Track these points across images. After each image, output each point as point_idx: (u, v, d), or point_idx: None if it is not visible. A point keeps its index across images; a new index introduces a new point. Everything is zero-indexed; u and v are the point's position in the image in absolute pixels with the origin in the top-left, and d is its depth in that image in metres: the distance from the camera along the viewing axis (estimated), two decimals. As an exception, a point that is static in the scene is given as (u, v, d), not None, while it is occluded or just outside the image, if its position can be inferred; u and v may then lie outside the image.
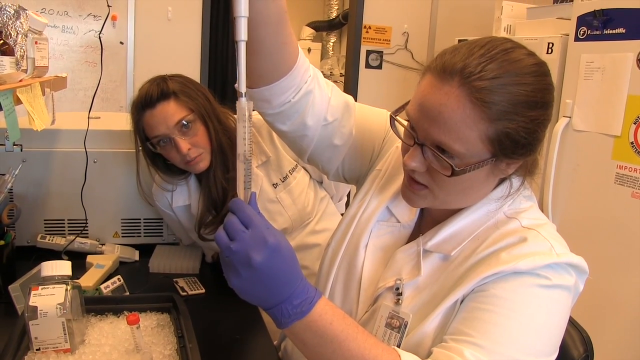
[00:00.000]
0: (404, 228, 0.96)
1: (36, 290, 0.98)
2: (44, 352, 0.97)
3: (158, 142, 1.40)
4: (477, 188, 0.86)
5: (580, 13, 2.21)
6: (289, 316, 0.73)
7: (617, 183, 2.05)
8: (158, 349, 1.02)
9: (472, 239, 0.86)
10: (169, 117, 1.36)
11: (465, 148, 0.77)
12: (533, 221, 0.86)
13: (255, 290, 0.72)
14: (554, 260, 0.79)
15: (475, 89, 0.75)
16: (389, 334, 0.86)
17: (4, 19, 1.14)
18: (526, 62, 0.79)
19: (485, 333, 0.76)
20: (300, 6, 6.81)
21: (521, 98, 0.76)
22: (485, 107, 0.75)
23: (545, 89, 0.80)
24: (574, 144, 2.25)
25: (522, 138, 0.78)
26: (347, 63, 4.09)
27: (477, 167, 0.79)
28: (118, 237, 1.75)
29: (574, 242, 0.84)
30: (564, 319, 0.81)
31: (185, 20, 3.54)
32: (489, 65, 0.76)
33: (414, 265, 0.89)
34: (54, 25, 3.29)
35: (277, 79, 0.90)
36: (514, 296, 0.78)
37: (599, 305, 2.11)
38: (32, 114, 1.15)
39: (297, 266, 0.74)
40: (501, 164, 0.82)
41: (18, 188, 1.62)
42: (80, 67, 3.41)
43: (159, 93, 1.36)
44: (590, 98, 2.17)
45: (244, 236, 0.70)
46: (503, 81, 0.75)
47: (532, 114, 0.78)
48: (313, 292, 0.75)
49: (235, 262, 0.70)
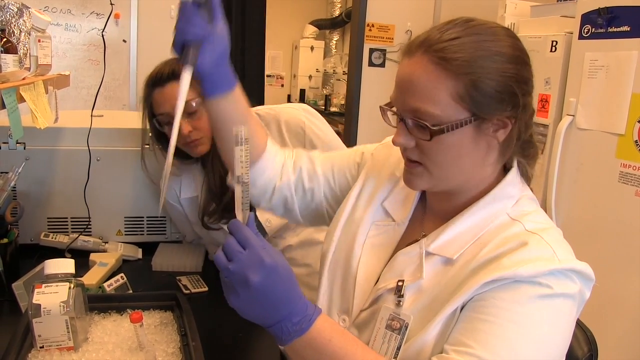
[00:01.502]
0: (399, 226, 0.97)
1: (40, 288, 0.98)
2: (47, 349, 0.97)
3: (162, 121, 1.43)
4: (468, 156, 0.84)
5: (584, 11, 2.20)
6: (289, 334, 0.75)
7: (621, 182, 2.04)
8: (161, 347, 1.02)
9: (475, 242, 0.85)
10: (175, 97, 1.39)
11: (439, 109, 0.79)
12: (537, 225, 0.83)
13: (254, 309, 0.74)
14: (556, 266, 0.77)
15: (435, 51, 0.79)
16: (390, 336, 0.86)
17: (7, 16, 1.14)
18: (488, 25, 0.83)
19: (485, 345, 0.75)
20: (303, 4, 6.81)
21: (482, 52, 0.79)
22: (447, 64, 0.78)
23: (510, 45, 0.82)
24: (578, 142, 2.24)
25: (492, 91, 0.79)
26: (350, 61, 4.08)
27: (455, 127, 0.80)
28: (121, 235, 1.75)
29: (577, 241, 0.84)
30: (568, 329, 0.79)
31: (188, 18, 3.53)
32: (448, 31, 0.81)
33: (416, 268, 0.88)
34: (57, 23, 3.30)
35: (253, 164, 1.03)
36: (515, 307, 0.76)
37: (603, 304, 2.11)
38: (35, 112, 1.15)
39: (295, 284, 0.76)
40: (484, 125, 0.81)
41: (21, 186, 1.63)
42: (83, 65, 3.41)
43: (170, 72, 1.39)
44: (594, 96, 2.16)
45: (241, 257, 0.72)
46: (463, 40, 0.79)
47: (496, 66, 0.79)
48: (312, 309, 0.77)
49: (234, 283, 0.73)
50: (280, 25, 6.56)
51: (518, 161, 0.90)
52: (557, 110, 2.35)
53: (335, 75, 6.44)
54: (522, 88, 0.82)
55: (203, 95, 1.08)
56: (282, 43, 6.79)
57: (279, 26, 6.48)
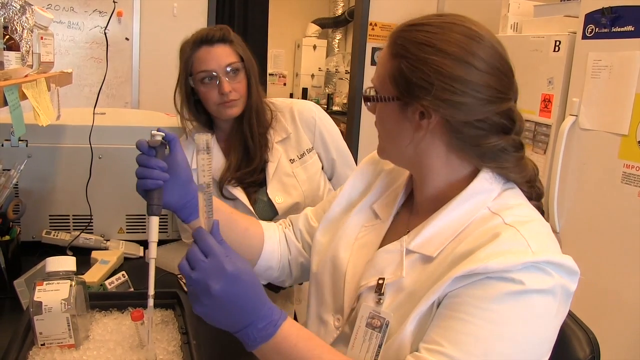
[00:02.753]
0: (383, 223, 0.99)
1: (41, 286, 0.98)
2: (48, 347, 0.97)
3: (203, 78, 1.49)
4: (397, 131, 0.89)
5: (588, 11, 2.19)
6: (255, 339, 0.76)
7: (624, 182, 2.04)
8: (162, 345, 1.02)
9: (455, 238, 0.84)
10: (223, 57, 1.49)
11: (378, 83, 0.89)
12: (517, 218, 0.82)
13: (218, 316, 0.76)
14: (528, 259, 0.75)
15: (392, 38, 0.88)
16: (370, 334, 0.86)
17: (10, 14, 1.14)
18: (448, 19, 0.86)
19: (456, 343, 0.74)
20: (306, 3, 6.81)
21: (419, 40, 0.84)
22: (391, 47, 0.87)
23: (453, 41, 0.82)
24: (581, 142, 2.23)
25: (412, 76, 0.82)
26: (353, 60, 4.08)
27: (380, 100, 0.88)
28: (123, 233, 1.75)
29: (580, 241, 0.84)
30: (545, 325, 0.77)
31: (191, 16, 3.53)
32: (414, 20, 0.88)
33: (397, 266, 0.88)
34: (59, 21, 3.29)
35: (259, 254, 1.12)
36: (487, 304, 0.75)
37: (605, 304, 2.10)
38: (37, 110, 1.15)
39: (260, 291, 0.77)
40: (409, 109, 0.85)
41: (23, 183, 1.63)
42: (85, 63, 3.41)
43: (221, 35, 1.49)
44: (598, 96, 2.15)
45: (203, 265, 0.74)
46: (411, 28, 0.86)
47: (425, 56, 0.82)
48: (278, 314, 0.78)
49: (196, 291, 0.74)
50: (283, 23, 6.56)
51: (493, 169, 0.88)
52: (560, 110, 2.35)
53: (337, 74, 6.45)
54: (447, 83, 0.81)
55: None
56: (284, 42, 6.79)
57: (281, 25, 6.48)
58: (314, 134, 1.61)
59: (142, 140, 0.95)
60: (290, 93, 6.92)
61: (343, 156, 1.66)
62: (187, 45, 1.51)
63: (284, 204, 1.54)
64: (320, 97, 6.61)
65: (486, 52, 0.83)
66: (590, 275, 2.16)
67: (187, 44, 1.51)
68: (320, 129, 1.61)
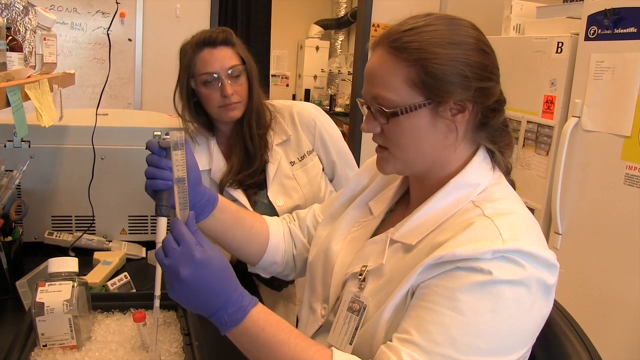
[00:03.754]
0: (375, 219, 1.02)
1: (43, 287, 0.98)
2: (50, 348, 0.97)
3: (204, 81, 1.49)
4: (426, 138, 0.87)
5: (590, 12, 2.19)
6: (226, 323, 0.80)
7: (627, 184, 2.03)
8: (164, 346, 1.02)
9: (436, 229, 0.86)
10: (225, 59, 1.49)
11: (395, 94, 0.85)
12: (497, 210, 0.82)
13: (189, 300, 0.80)
14: (497, 247, 0.75)
15: (391, 42, 0.86)
16: (350, 317, 0.89)
17: (13, 15, 1.14)
18: (449, 17, 0.88)
19: (424, 332, 0.76)
20: (308, 4, 6.81)
21: (434, 40, 0.84)
22: (400, 52, 0.84)
23: (466, 34, 0.86)
24: (583, 144, 2.23)
25: (443, 74, 0.82)
26: (356, 61, 4.08)
27: (410, 110, 0.84)
28: (125, 234, 1.75)
29: (582, 243, 0.84)
30: (516, 317, 0.76)
31: (194, 17, 3.54)
32: (407, 23, 0.87)
33: (379, 254, 0.91)
34: (62, 22, 3.30)
35: (263, 251, 1.15)
36: (454, 294, 0.76)
37: (608, 306, 2.10)
38: (40, 110, 1.15)
39: (230, 278, 0.81)
40: (440, 108, 0.84)
41: (26, 184, 1.63)
42: (88, 64, 3.42)
43: (224, 38, 1.50)
44: (600, 98, 2.15)
45: (174, 253, 0.79)
46: (415, 30, 0.85)
47: (448, 52, 0.83)
48: (247, 301, 0.81)
49: (169, 276, 0.79)
50: (286, 25, 6.56)
51: (490, 150, 0.92)
52: (562, 111, 2.34)
53: (340, 75, 6.44)
54: (477, 72, 0.84)
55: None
56: (287, 43, 6.79)
57: (284, 26, 6.48)
58: (314, 136, 1.61)
59: (153, 141, 0.97)
60: (293, 94, 6.92)
61: (344, 158, 1.66)
62: (188, 46, 1.50)
63: (285, 206, 1.53)
64: (322, 99, 6.61)
65: (485, 37, 0.89)
66: (593, 277, 2.16)
67: (188, 46, 1.51)
68: (320, 130, 1.61)
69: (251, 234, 1.15)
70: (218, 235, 1.10)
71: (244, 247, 1.14)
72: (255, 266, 1.18)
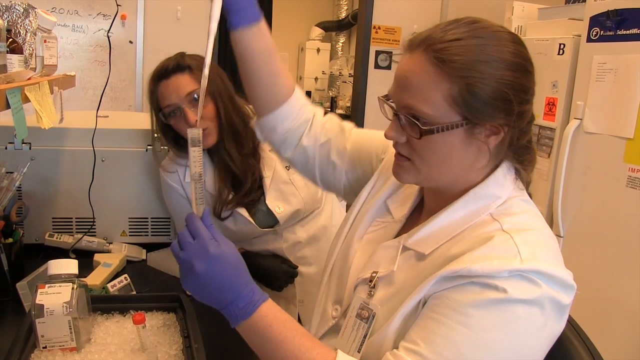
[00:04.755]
0: (396, 223, 0.97)
1: (43, 289, 0.98)
2: (50, 350, 0.97)
3: (169, 112, 1.44)
4: (457, 158, 0.83)
5: (593, 13, 2.19)
6: (236, 317, 0.81)
7: (629, 186, 2.03)
8: (164, 348, 1.02)
9: (451, 240, 0.84)
10: (181, 88, 1.43)
11: (432, 109, 0.79)
12: (517, 225, 0.80)
13: (203, 293, 0.82)
14: (515, 267, 0.73)
15: (435, 51, 0.79)
16: (358, 324, 0.88)
17: (13, 17, 1.14)
18: (493, 29, 0.82)
19: (431, 344, 0.74)
20: (309, 6, 6.81)
21: (482, 56, 0.78)
22: (445, 65, 0.78)
23: (512, 52, 0.80)
24: (585, 146, 2.22)
25: (487, 97, 0.78)
26: (356, 63, 4.08)
27: (446, 129, 0.79)
28: (125, 236, 1.75)
29: (584, 245, 0.83)
30: (528, 336, 0.74)
31: (195, 19, 3.54)
32: (452, 30, 0.80)
33: (391, 260, 0.89)
34: (64, 24, 3.31)
35: (278, 106, 1.05)
36: (466, 309, 0.74)
37: (610, 309, 2.09)
38: (39, 112, 1.15)
39: (242, 273, 0.83)
40: (476, 130, 0.80)
41: (26, 186, 1.63)
42: (89, 66, 3.42)
43: (174, 65, 1.44)
44: (602, 100, 2.14)
45: (189, 246, 0.81)
46: (464, 42, 0.78)
47: (494, 72, 0.78)
48: (258, 296, 0.82)
49: (183, 269, 0.81)
50: (287, 27, 6.56)
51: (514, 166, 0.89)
52: (564, 113, 2.34)
53: (341, 77, 6.45)
54: (520, 96, 0.81)
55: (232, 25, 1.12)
56: (288, 45, 6.80)
57: (285, 28, 6.48)
58: None
59: None
60: (294, 96, 6.92)
61: None
62: (150, 83, 1.47)
63: (285, 212, 1.51)
64: (323, 100, 6.61)
65: (527, 51, 0.84)
66: (595, 279, 2.15)
67: (149, 82, 1.47)
68: None
69: (278, 74, 1.04)
70: (245, 56, 1.00)
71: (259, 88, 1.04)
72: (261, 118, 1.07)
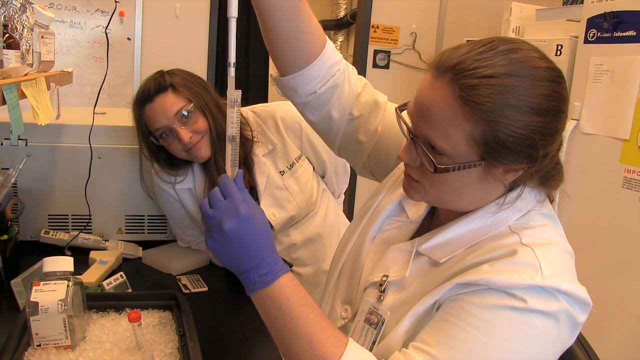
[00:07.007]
0: (411, 224, 0.95)
1: (38, 286, 0.97)
2: (44, 348, 0.97)
3: (160, 134, 1.43)
4: (471, 191, 0.81)
5: (590, 15, 2.19)
6: (255, 284, 0.80)
7: (625, 187, 2.03)
8: (159, 347, 1.01)
9: (466, 249, 0.82)
10: (167, 108, 1.41)
11: (451, 147, 0.76)
12: (537, 240, 0.78)
13: (226, 254, 0.80)
14: (536, 282, 0.72)
15: (462, 87, 0.73)
16: (367, 330, 0.86)
17: (10, 12, 1.14)
18: (531, 64, 0.75)
19: (442, 345, 0.73)
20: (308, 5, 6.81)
21: (512, 100, 0.72)
22: (470, 107, 0.73)
23: (547, 94, 0.75)
24: (582, 147, 2.23)
25: (510, 142, 0.74)
26: (355, 62, 4.07)
27: (463, 168, 0.77)
28: (122, 233, 1.75)
29: (580, 246, 0.83)
30: (541, 348, 0.74)
31: (193, 16, 3.53)
32: (486, 61, 0.73)
33: (403, 265, 0.87)
34: (61, 20, 3.30)
35: (301, 68, 0.98)
36: (481, 313, 0.73)
37: (607, 311, 2.09)
38: (36, 109, 1.14)
39: (269, 239, 0.81)
40: (494, 169, 0.77)
41: (22, 183, 1.62)
42: (87, 62, 3.41)
43: (156, 87, 1.41)
44: (599, 101, 2.15)
45: (220, 205, 0.79)
46: (495, 81, 0.72)
47: (524, 118, 0.73)
48: (280, 266, 0.81)
49: (211, 227, 0.80)
50: (285, 25, 6.55)
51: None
52: (561, 114, 2.34)
53: (339, 76, 6.43)
54: (547, 139, 0.76)
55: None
56: (286, 43, 6.79)
57: (283, 26, 6.47)
58: (300, 140, 1.55)
59: None
60: (292, 95, 6.92)
61: (334, 156, 1.64)
62: (134, 108, 1.45)
63: (280, 219, 1.50)
64: (321, 99, 6.61)
65: (565, 89, 0.80)
66: (591, 280, 2.15)
67: (133, 107, 1.45)
68: (306, 132, 1.54)
69: (302, 32, 0.95)
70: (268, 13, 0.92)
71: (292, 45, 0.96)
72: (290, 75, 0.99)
